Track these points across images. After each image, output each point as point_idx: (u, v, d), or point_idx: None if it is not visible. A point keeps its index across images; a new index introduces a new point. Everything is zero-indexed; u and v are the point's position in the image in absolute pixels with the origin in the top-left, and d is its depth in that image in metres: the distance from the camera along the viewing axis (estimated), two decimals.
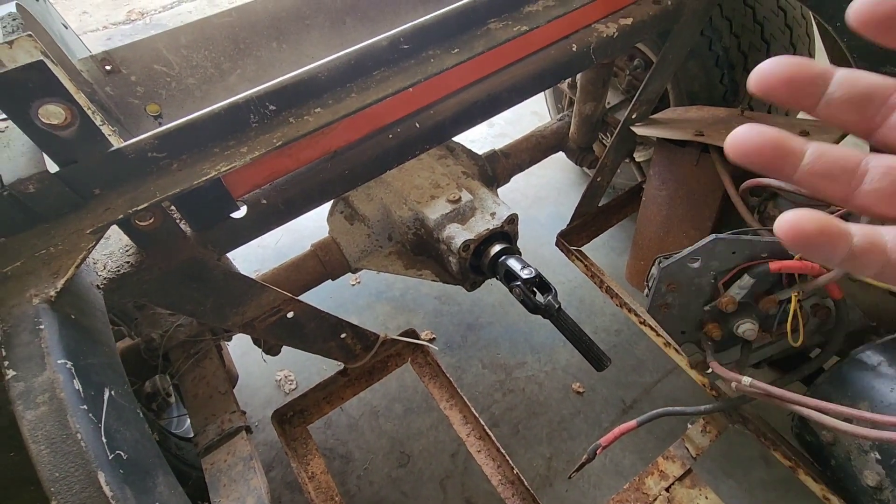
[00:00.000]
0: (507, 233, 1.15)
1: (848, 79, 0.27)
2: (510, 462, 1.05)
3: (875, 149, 0.28)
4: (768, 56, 1.12)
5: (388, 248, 1.28)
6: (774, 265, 0.90)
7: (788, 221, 0.26)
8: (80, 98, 0.54)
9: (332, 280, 1.30)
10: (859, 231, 0.27)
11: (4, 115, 0.59)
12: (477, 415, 1.11)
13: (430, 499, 1.46)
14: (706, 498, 1.02)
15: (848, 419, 0.82)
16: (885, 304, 1.00)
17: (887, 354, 0.93)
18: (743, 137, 0.27)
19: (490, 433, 1.08)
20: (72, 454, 0.44)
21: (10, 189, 0.52)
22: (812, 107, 0.27)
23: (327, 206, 1.23)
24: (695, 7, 1.03)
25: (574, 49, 0.90)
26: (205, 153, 0.61)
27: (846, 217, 0.75)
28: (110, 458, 0.46)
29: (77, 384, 0.48)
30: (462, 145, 1.37)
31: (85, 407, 0.47)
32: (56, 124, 0.51)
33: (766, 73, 0.27)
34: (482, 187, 1.23)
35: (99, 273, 0.66)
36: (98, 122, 0.56)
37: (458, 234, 1.10)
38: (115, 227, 0.64)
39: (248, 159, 0.61)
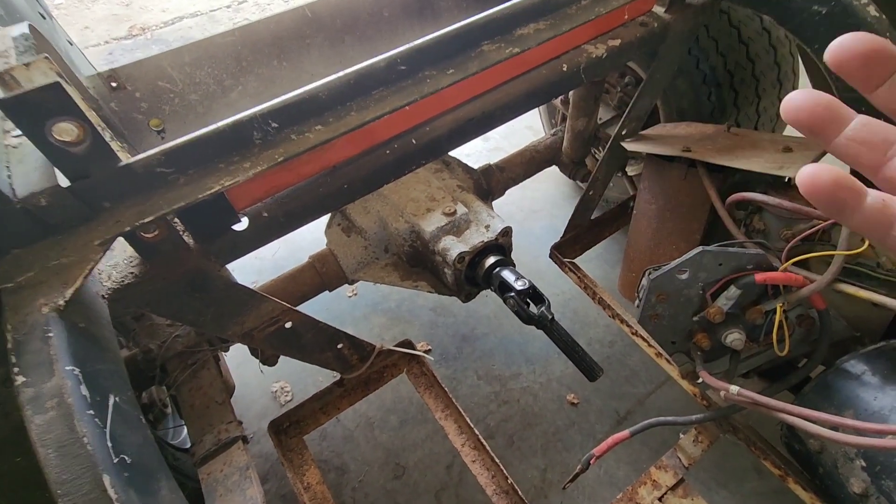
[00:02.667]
0: (501, 245, 1.17)
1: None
2: (505, 473, 1.06)
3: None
4: (753, 74, 1.17)
5: (385, 260, 1.30)
6: (760, 277, 0.93)
7: (807, 173, 0.28)
8: (92, 116, 0.56)
9: (329, 291, 1.32)
10: (874, 193, 0.29)
11: (17, 131, 0.62)
12: (472, 426, 1.12)
13: None
14: None
15: (834, 427, 0.84)
16: (869, 314, 1.03)
17: (871, 364, 0.95)
18: (799, 100, 0.29)
19: (485, 444, 1.09)
20: (79, 457, 0.46)
21: (24, 202, 0.55)
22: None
23: (325, 218, 1.26)
24: (680, 29, 1.07)
25: (565, 69, 0.94)
26: (210, 168, 0.64)
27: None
28: (115, 461, 0.48)
29: (84, 390, 0.49)
30: (457, 159, 1.40)
31: (91, 412, 0.49)
32: (69, 141, 0.54)
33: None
34: (477, 200, 1.26)
35: (104, 283, 0.68)
36: (108, 138, 0.58)
37: (454, 247, 1.12)
38: (120, 240, 0.66)
39: (251, 174, 0.64)
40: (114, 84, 0.99)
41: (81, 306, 0.58)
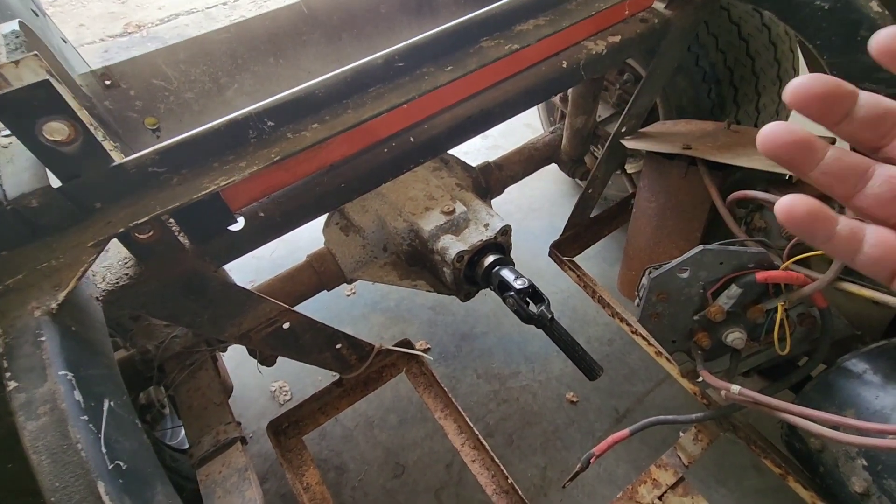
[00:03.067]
0: (500, 244, 1.16)
1: (870, 100, 0.30)
2: (505, 472, 1.05)
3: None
4: (753, 71, 1.16)
5: (383, 259, 1.29)
6: (761, 275, 0.93)
7: (785, 204, 0.30)
8: (84, 115, 0.55)
9: (328, 291, 1.31)
10: (844, 221, 0.31)
11: (7, 131, 0.61)
12: (472, 425, 1.12)
13: None
14: None
15: (835, 426, 0.84)
16: (870, 312, 1.03)
17: (872, 363, 0.95)
18: (774, 133, 0.30)
19: (485, 443, 1.09)
20: (72, 464, 0.45)
21: (14, 203, 0.54)
22: (836, 124, 0.31)
23: (322, 217, 1.25)
24: (681, 25, 1.06)
25: (564, 66, 0.93)
26: (204, 168, 0.63)
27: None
28: (110, 467, 0.47)
29: (77, 395, 0.49)
30: (456, 157, 1.39)
31: (85, 417, 0.48)
32: (60, 140, 0.53)
33: (801, 88, 0.30)
34: (476, 199, 1.25)
35: (98, 285, 0.67)
36: (100, 137, 0.57)
37: (453, 245, 1.12)
38: (114, 241, 0.65)
39: (247, 174, 0.63)
40: (107, 82, 0.98)
41: (74, 309, 0.57)
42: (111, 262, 0.70)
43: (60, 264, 0.55)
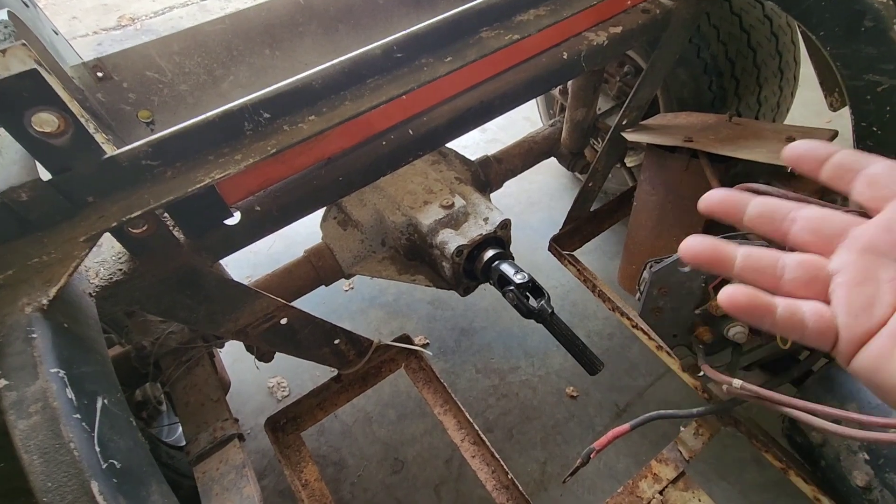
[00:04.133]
0: (500, 238, 1.15)
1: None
2: (505, 467, 1.05)
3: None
4: (755, 63, 1.14)
5: (382, 254, 1.28)
6: None
7: (727, 294, 0.34)
8: (74, 106, 0.54)
9: (326, 286, 1.30)
10: (783, 303, 0.34)
11: None
12: (471, 420, 1.11)
13: None
14: (699, 500, 1.03)
15: (836, 420, 0.83)
16: None
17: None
18: (692, 244, 0.37)
19: (484, 438, 1.08)
20: (65, 463, 0.44)
21: (3, 197, 0.52)
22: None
23: (320, 212, 1.23)
24: (683, 16, 1.05)
25: (565, 57, 0.91)
26: (199, 161, 0.61)
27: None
28: (104, 467, 0.46)
29: (70, 393, 0.47)
30: (455, 151, 1.38)
31: (78, 416, 0.47)
32: (49, 132, 0.51)
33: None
34: (475, 193, 1.24)
35: (91, 281, 0.65)
36: (92, 129, 0.56)
37: (452, 240, 1.10)
38: (107, 235, 0.63)
39: (243, 167, 0.62)
40: (100, 74, 0.96)
41: (67, 305, 0.56)
42: (104, 258, 0.68)
43: (51, 259, 0.53)
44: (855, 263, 0.32)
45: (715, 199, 0.38)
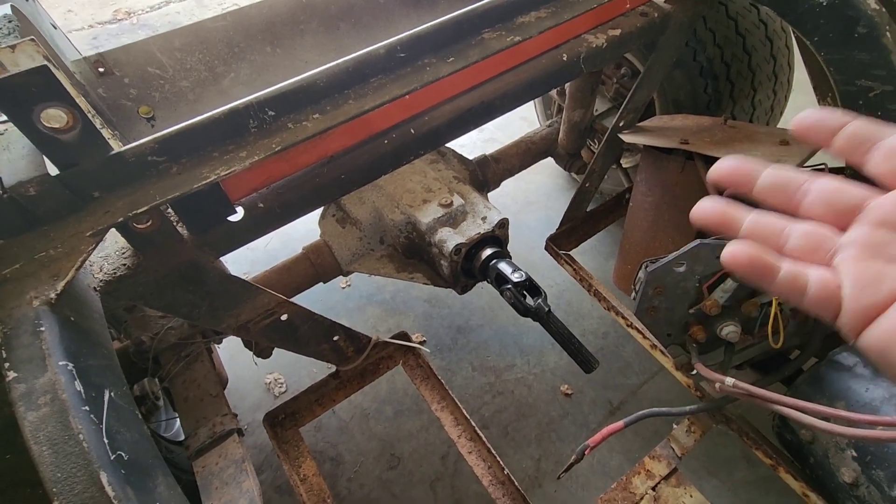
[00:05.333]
0: (497, 237, 1.16)
1: (772, 172, 0.35)
2: (501, 463, 1.06)
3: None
4: (750, 67, 1.17)
5: (380, 252, 1.29)
6: None
7: (728, 252, 0.33)
8: (82, 102, 0.54)
9: (324, 283, 1.31)
10: (787, 266, 0.33)
11: (4, 118, 0.60)
12: (468, 416, 1.12)
13: (421, 500, 1.47)
14: (691, 496, 1.05)
15: (825, 418, 0.85)
16: None
17: (863, 356, 0.97)
18: (704, 206, 0.36)
19: (481, 434, 1.09)
20: (74, 455, 0.45)
21: (11, 191, 0.53)
22: (749, 191, 0.36)
23: (318, 209, 1.24)
24: (680, 19, 1.07)
25: (565, 59, 0.92)
26: (204, 157, 0.62)
27: None
28: (112, 458, 0.47)
29: (78, 385, 0.48)
30: (453, 150, 1.39)
31: (87, 408, 0.47)
32: (58, 128, 0.52)
33: (720, 170, 0.36)
34: (473, 192, 1.25)
35: (95, 276, 0.66)
36: (98, 125, 0.56)
37: (450, 238, 1.11)
38: (112, 230, 0.64)
39: (247, 164, 0.62)
40: (101, 69, 0.96)
41: (73, 299, 0.56)
42: (108, 253, 0.69)
43: (58, 254, 0.54)
44: (866, 236, 0.31)
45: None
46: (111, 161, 0.57)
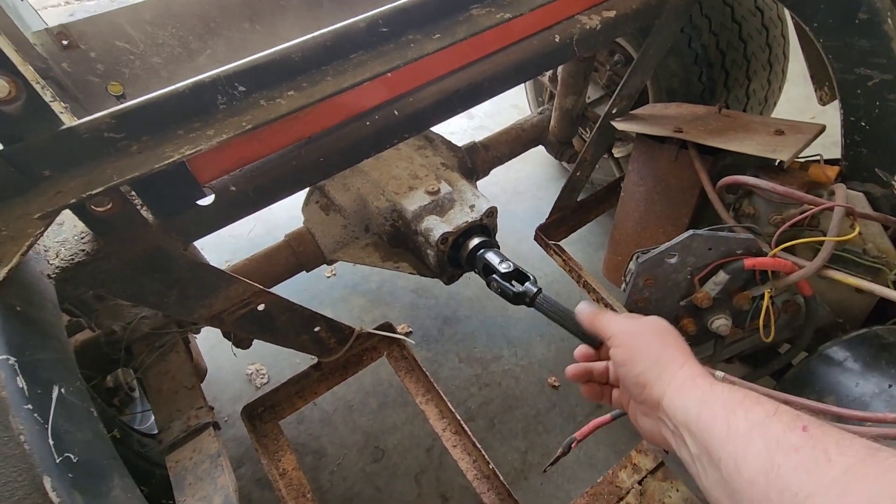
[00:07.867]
0: (486, 226, 1.13)
1: (573, 367, 0.69)
2: (486, 457, 1.04)
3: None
4: (745, 55, 1.14)
5: (365, 240, 1.25)
6: (749, 262, 0.91)
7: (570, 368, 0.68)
8: (28, 71, 0.49)
9: (307, 272, 1.27)
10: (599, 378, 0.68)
11: None
12: (453, 409, 1.10)
13: (405, 494, 1.45)
14: (677, 490, 1.03)
15: (815, 413, 0.84)
16: (851, 300, 1.03)
17: (853, 350, 0.95)
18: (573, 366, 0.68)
19: (466, 428, 1.07)
20: (13, 458, 0.41)
21: None
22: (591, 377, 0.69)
23: (302, 195, 1.19)
24: (676, 3, 1.03)
25: (557, 40, 0.88)
26: (168, 135, 0.57)
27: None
28: (58, 460, 0.43)
29: (21, 381, 0.44)
30: (441, 136, 1.35)
31: (29, 406, 0.43)
32: None
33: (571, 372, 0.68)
34: (461, 179, 1.21)
35: (50, 262, 0.61)
36: (48, 97, 0.51)
37: (437, 227, 1.08)
38: (69, 213, 0.59)
39: (215, 143, 0.58)
40: (65, 42, 0.90)
41: (20, 287, 0.52)
42: (66, 237, 0.64)
43: (3, 237, 0.49)
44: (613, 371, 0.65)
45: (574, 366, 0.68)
46: (62, 136, 0.52)
